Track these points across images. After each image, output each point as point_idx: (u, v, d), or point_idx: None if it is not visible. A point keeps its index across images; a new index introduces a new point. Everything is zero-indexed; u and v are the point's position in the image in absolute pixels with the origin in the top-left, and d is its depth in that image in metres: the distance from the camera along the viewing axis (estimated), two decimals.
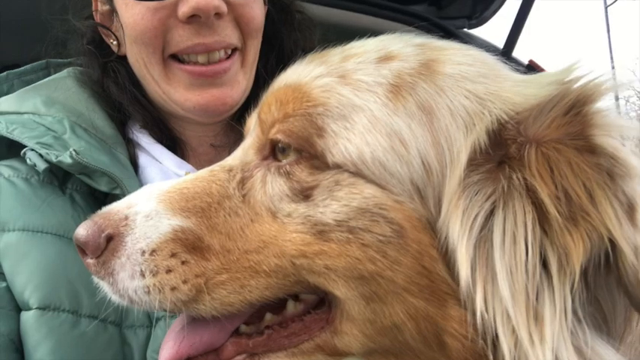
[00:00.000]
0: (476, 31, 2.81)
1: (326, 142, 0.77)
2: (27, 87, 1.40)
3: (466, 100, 0.76)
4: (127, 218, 0.83)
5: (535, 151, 0.70)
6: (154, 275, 0.79)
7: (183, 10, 1.21)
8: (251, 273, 0.79)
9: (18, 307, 1.18)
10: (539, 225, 0.68)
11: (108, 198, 1.28)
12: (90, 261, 0.84)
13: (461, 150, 0.73)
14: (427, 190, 0.74)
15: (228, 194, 0.84)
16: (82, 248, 0.84)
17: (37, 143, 1.23)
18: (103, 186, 1.24)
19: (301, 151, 0.79)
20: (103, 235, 0.82)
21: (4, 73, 1.48)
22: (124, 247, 0.81)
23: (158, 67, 1.30)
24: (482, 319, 0.68)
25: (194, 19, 1.22)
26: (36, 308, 1.15)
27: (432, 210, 0.74)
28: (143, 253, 0.80)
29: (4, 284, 1.19)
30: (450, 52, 0.81)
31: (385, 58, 0.82)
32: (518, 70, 0.84)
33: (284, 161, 0.81)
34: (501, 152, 0.73)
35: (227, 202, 0.83)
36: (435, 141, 0.75)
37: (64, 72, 1.46)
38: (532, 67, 2.50)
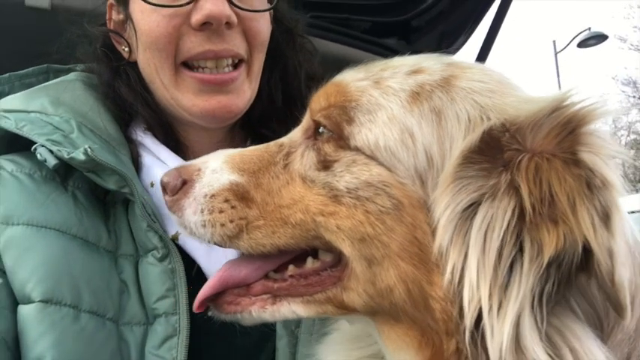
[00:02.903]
0: None
1: (352, 129, 0.71)
2: (34, 87, 1.13)
3: (472, 109, 0.66)
4: (199, 170, 0.82)
5: (529, 158, 0.60)
6: (210, 213, 0.77)
7: (197, 17, 1.01)
8: (281, 223, 0.75)
9: (13, 305, 0.91)
10: (522, 219, 0.58)
11: (108, 196, 1.06)
12: (167, 198, 0.83)
13: (459, 147, 0.65)
14: (428, 177, 0.66)
15: (275, 162, 0.80)
16: (164, 188, 0.84)
17: (48, 140, 0.98)
18: (111, 184, 0.99)
19: (333, 132, 0.74)
20: (180, 179, 0.82)
21: (7, 74, 1.20)
22: (193, 190, 0.80)
23: (169, 73, 1.06)
24: (450, 285, 0.60)
25: (206, 26, 1.02)
26: (38, 301, 0.89)
27: (429, 194, 0.66)
28: (205, 196, 0.79)
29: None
30: (470, 71, 0.72)
31: (415, 71, 0.74)
32: None
33: (319, 139, 0.76)
34: (499, 155, 0.62)
35: (272, 168, 0.80)
36: (440, 138, 0.67)
37: (72, 75, 1.18)
38: None
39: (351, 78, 0.78)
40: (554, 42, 17.53)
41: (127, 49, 1.14)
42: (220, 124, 1.14)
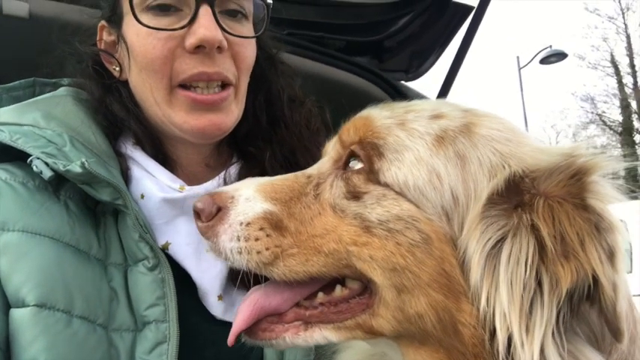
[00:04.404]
0: (413, 84, 2.48)
1: (382, 164, 0.78)
2: (25, 102, 1.14)
3: (492, 156, 0.75)
4: (233, 198, 0.85)
5: (543, 201, 0.69)
6: (246, 241, 0.80)
7: (191, 41, 1.05)
8: (314, 252, 0.78)
9: (5, 308, 0.93)
10: (539, 255, 0.66)
11: (98, 206, 1.08)
12: (201, 224, 0.85)
13: (483, 190, 0.72)
14: (453, 215, 0.74)
15: (306, 192, 0.85)
16: (198, 214, 0.85)
17: (42, 153, 1.00)
18: (105, 196, 1.02)
19: (364, 164, 0.79)
20: (215, 206, 0.84)
21: None
22: (228, 217, 0.82)
23: (164, 92, 1.10)
24: (485, 313, 0.67)
25: (199, 50, 1.06)
26: (33, 305, 0.91)
27: (455, 230, 0.73)
28: (241, 224, 0.81)
29: None
30: (487, 119, 0.80)
31: (436, 116, 0.81)
32: None
33: (348, 170, 0.81)
34: (517, 198, 0.71)
35: (304, 198, 0.84)
36: (464, 180, 0.74)
37: (62, 90, 1.20)
38: None
39: (378, 115, 0.84)
40: (517, 58, 18.16)
41: (117, 68, 1.17)
42: (209, 141, 1.19)
